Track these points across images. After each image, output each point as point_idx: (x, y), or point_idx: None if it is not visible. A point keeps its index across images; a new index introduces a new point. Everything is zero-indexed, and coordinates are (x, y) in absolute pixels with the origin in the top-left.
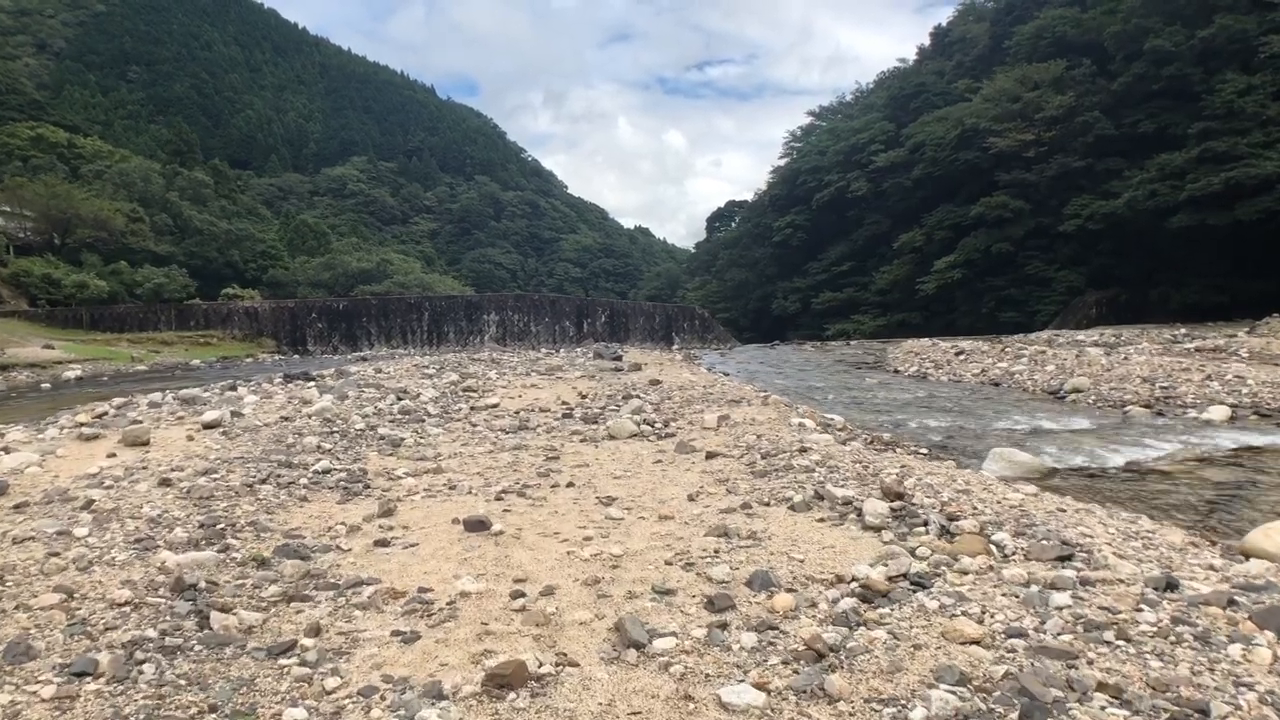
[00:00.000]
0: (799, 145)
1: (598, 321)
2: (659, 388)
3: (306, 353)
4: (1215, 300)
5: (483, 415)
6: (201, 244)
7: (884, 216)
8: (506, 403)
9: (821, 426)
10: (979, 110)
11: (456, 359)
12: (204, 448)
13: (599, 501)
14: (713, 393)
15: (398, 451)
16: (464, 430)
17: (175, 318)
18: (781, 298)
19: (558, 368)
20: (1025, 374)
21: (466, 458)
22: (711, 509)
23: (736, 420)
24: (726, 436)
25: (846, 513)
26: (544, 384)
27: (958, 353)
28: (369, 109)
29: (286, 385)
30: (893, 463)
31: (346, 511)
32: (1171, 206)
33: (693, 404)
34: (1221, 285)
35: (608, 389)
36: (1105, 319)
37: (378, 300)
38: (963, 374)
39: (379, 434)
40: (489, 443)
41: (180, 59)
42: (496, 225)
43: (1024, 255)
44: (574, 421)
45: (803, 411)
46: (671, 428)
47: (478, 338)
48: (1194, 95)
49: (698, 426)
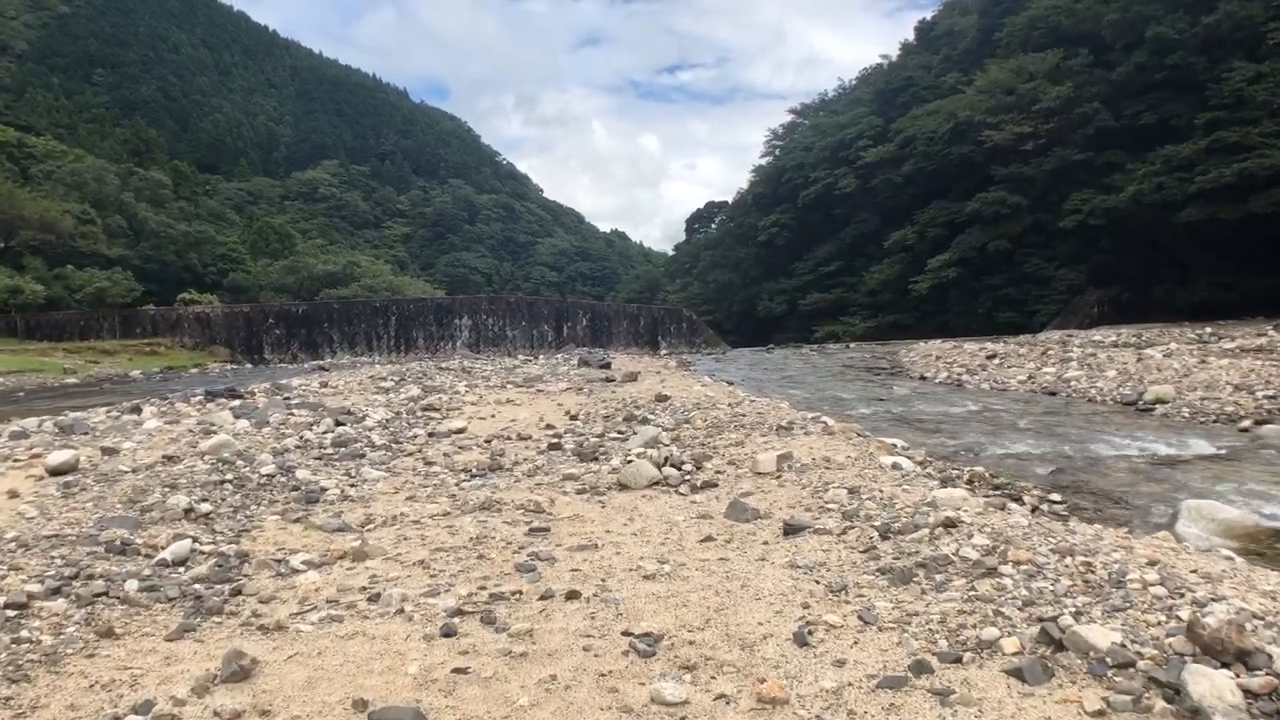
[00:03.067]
0: (781, 143)
1: (578, 325)
2: (668, 405)
3: (263, 362)
4: (1222, 298)
5: (444, 446)
6: (158, 247)
7: (873, 214)
8: (476, 425)
9: (918, 465)
10: (972, 102)
11: (422, 368)
12: (13, 515)
13: (631, 648)
14: (743, 414)
15: (310, 514)
16: (414, 473)
17: (120, 325)
18: (767, 299)
19: (538, 378)
20: (1084, 381)
21: (409, 524)
22: (853, 670)
23: (801, 459)
24: (796, 488)
25: (1140, 692)
26: (522, 399)
27: (989, 356)
28: (341, 112)
29: (205, 405)
30: (1094, 543)
31: (172, 663)
32: (1179, 200)
33: (723, 430)
34: (1229, 282)
35: (602, 406)
36: (1107, 318)
37: (340, 304)
38: (1006, 381)
39: (294, 481)
40: (445, 496)
41: (147, 61)
42: (471, 229)
43: (1022, 253)
44: (564, 456)
45: (897, 448)
46: (707, 470)
47: (449, 344)
48: (1198, 85)
49: (746, 469)
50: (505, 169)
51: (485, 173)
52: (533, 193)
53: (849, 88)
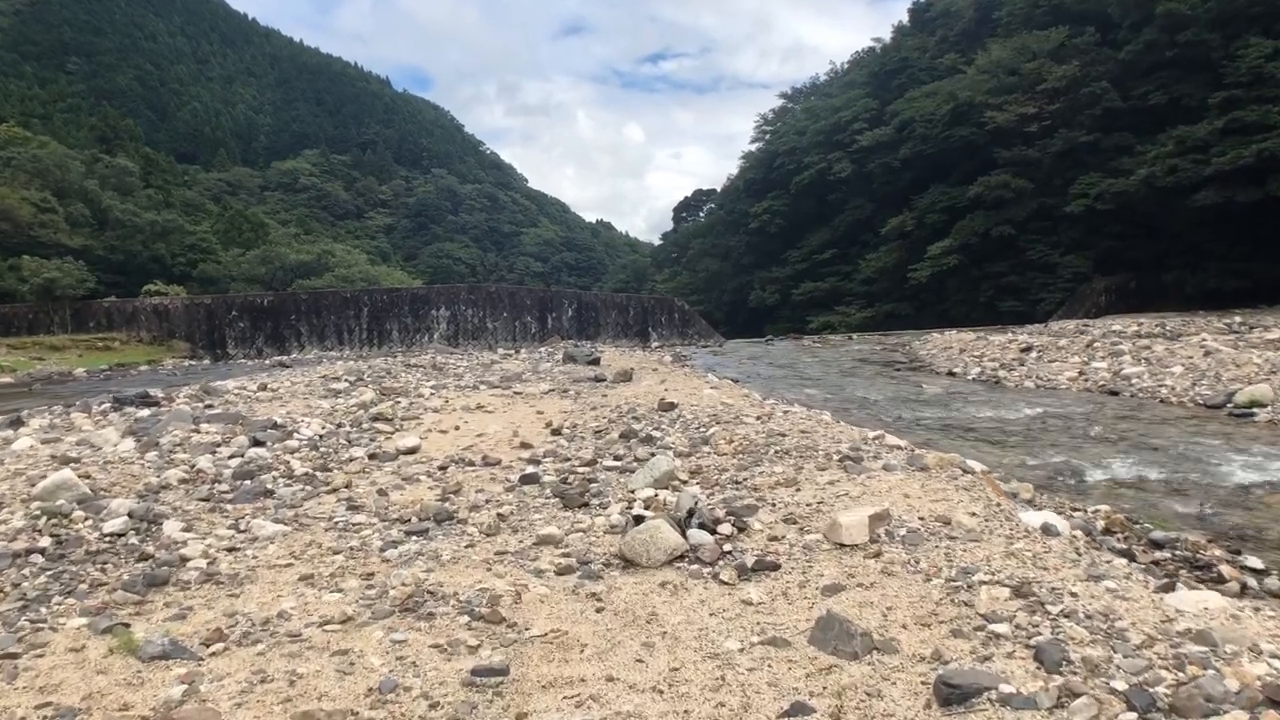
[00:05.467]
0: (772, 128)
1: (564, 316)
2: (676, 416)
3: (226, 357)
4: (1235, 285)
5: (384, 475)
6: (123, 237)
7: (868, 200)
8: (433, 443)
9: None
10: (974, 83)
11: (386, 365)
12: None
13: None
14: (780, 430)
15: (141, 610)
16: (328, 525)
17: (71, 318)
18: (759, 289)
19: (517, 376)
20: (1147, 379)
21: (282, 642)
22: None
23: (903, 518)
24: (916, 580)
25: None
26: (496, 404)
27: (1024, 349)
28: (321, 101)
29: (108, 416)
30: None
31: None
32: (1193, 183)
33: (760, 459)
34: (1242, 269)
35: (592, 416)
36: (1115, 307)
37: (308, 296)
38: (1052, 378)
39: (149, 543)
40: (359, 575)
41: (123, 50)
42: (455, 219)
43: (1025, 239)
44: (541, 495)
45: (1018, 496)
46: (756, 534)
47: (426, 336)
48: (1211, 63)
49: (817, 532)
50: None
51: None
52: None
53: (841, 71)
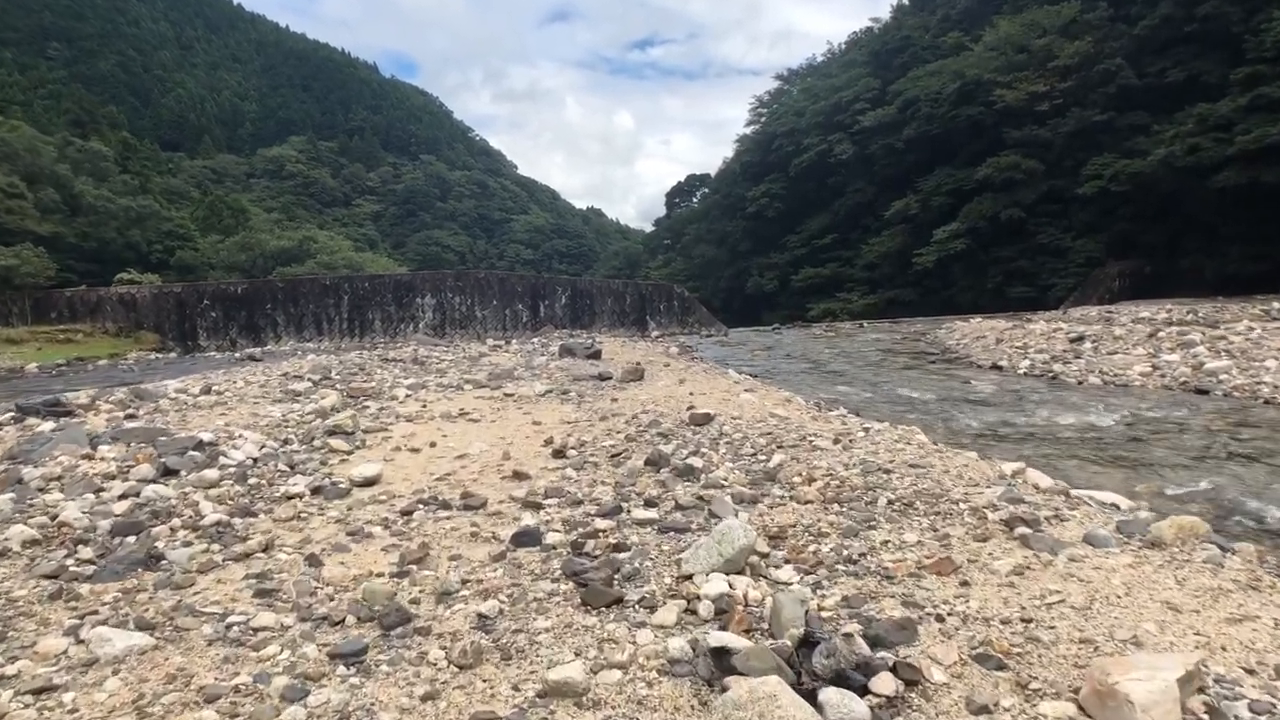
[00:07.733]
0: (768, 110)
1: (557, 304)
2: (716, 434)
3: (197, 349)
4: (1254, 270)
5: (325, 525)
6: (96, 223)
7: (870, 183)
8: (400, 465)
9: None
10: (981, 61)
11: (360, 360)
12: None
13: None
14: (879, 465)
15: None
16: (211, 634)
17: (31, 309)
18: (757, 275)
19: (509, 373)
20: (1237, 374)
21: None
22: None
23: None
24: None
25: None
26: (484, 410)
27: (1074, 339)
28: (308, 87)
29: (3, 430)
30: None
31: None
32: (1215, 163)
33: (868, 515)
34: (1262, 253)
35: (604, 429)
36: (1128, 293)
37: (285, 283)
38: (1120, 373)
39: None
40: None
41: (105, 35)
42: (444, 206)
43: (1035, 222)
44: (547, 578)
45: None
46: (935, 698)
47: (410, 325)
48: (1232, 38)
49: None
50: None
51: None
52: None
53: (839, 52)
